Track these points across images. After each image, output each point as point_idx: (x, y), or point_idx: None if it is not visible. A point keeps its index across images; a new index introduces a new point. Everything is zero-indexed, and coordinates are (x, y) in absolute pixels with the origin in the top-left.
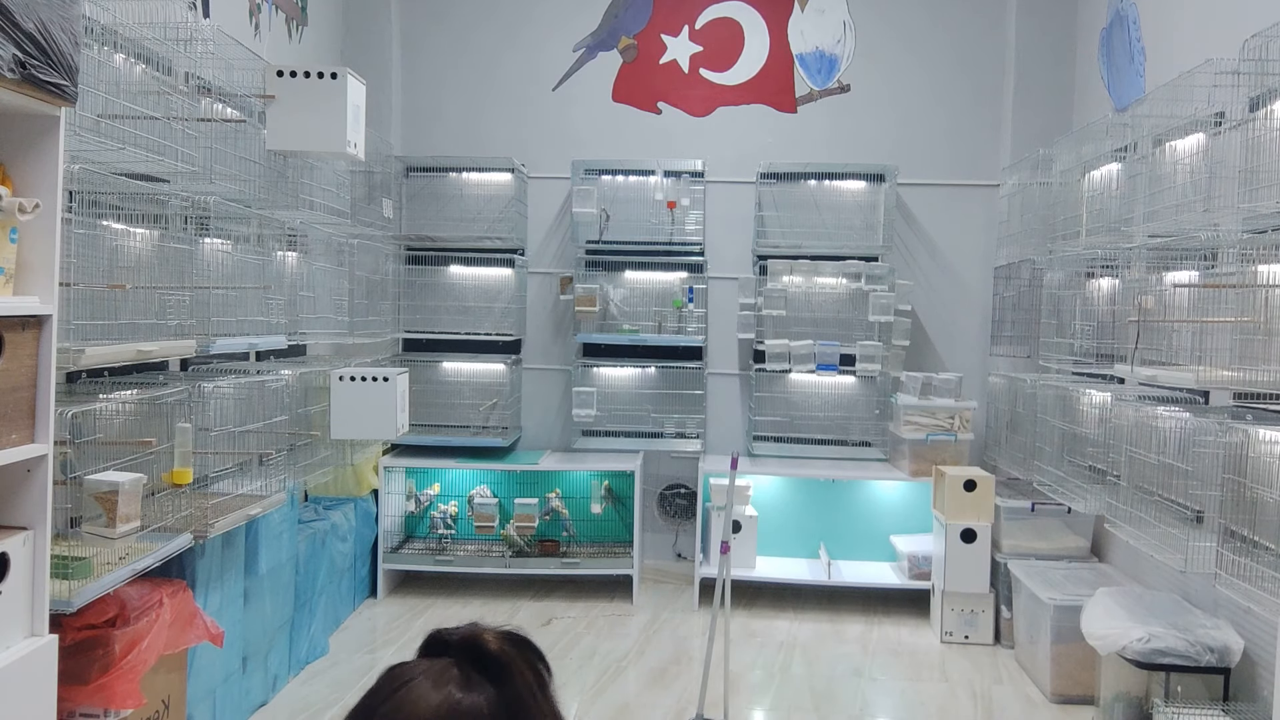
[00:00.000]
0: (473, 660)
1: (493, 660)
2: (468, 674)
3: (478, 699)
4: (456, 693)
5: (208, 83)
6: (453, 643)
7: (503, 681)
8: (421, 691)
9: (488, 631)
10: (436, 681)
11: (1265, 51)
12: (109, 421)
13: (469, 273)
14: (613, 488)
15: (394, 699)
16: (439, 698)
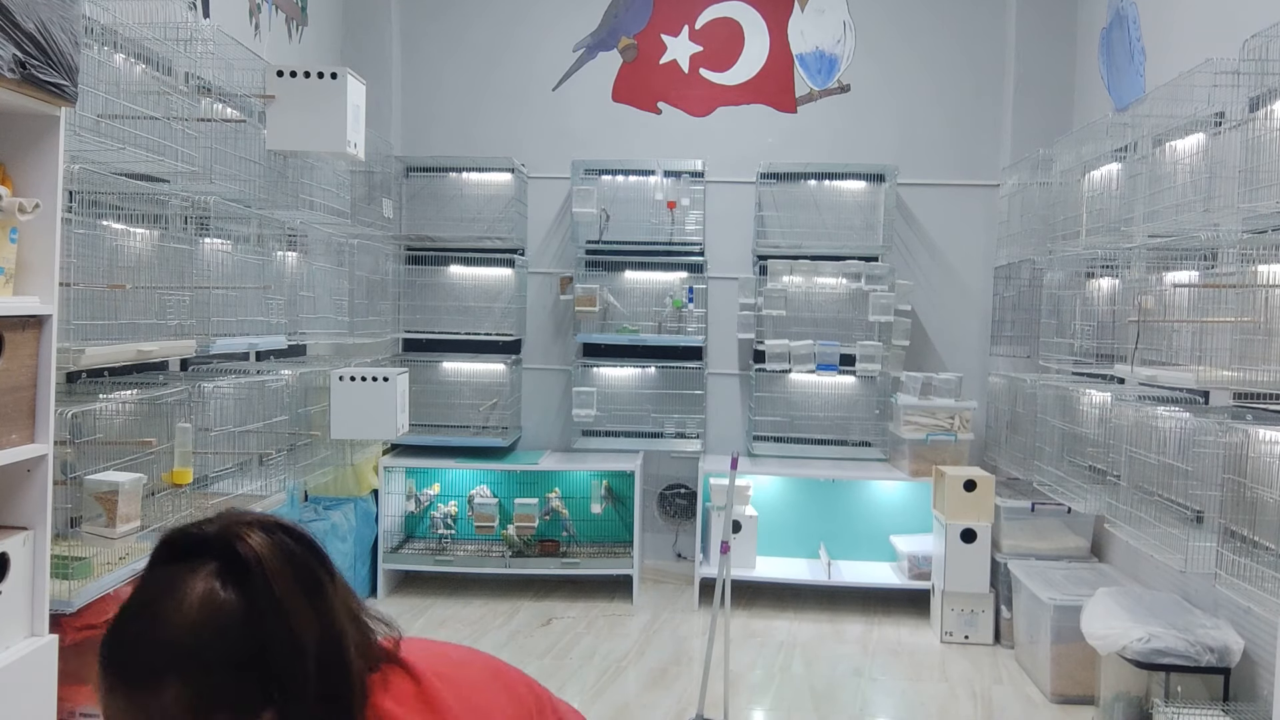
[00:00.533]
0: (228, 559)
1: (243, 561)
2: (225, 573)
3: (235, 598)
4: (221, 596)
5: (208, 83)
6: (214, 538)
7: (253, 584)
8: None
9: (244, 521)
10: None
11: (1265, 51)
12: (109, 421)
13: (469, 273)
14: (613, 488)
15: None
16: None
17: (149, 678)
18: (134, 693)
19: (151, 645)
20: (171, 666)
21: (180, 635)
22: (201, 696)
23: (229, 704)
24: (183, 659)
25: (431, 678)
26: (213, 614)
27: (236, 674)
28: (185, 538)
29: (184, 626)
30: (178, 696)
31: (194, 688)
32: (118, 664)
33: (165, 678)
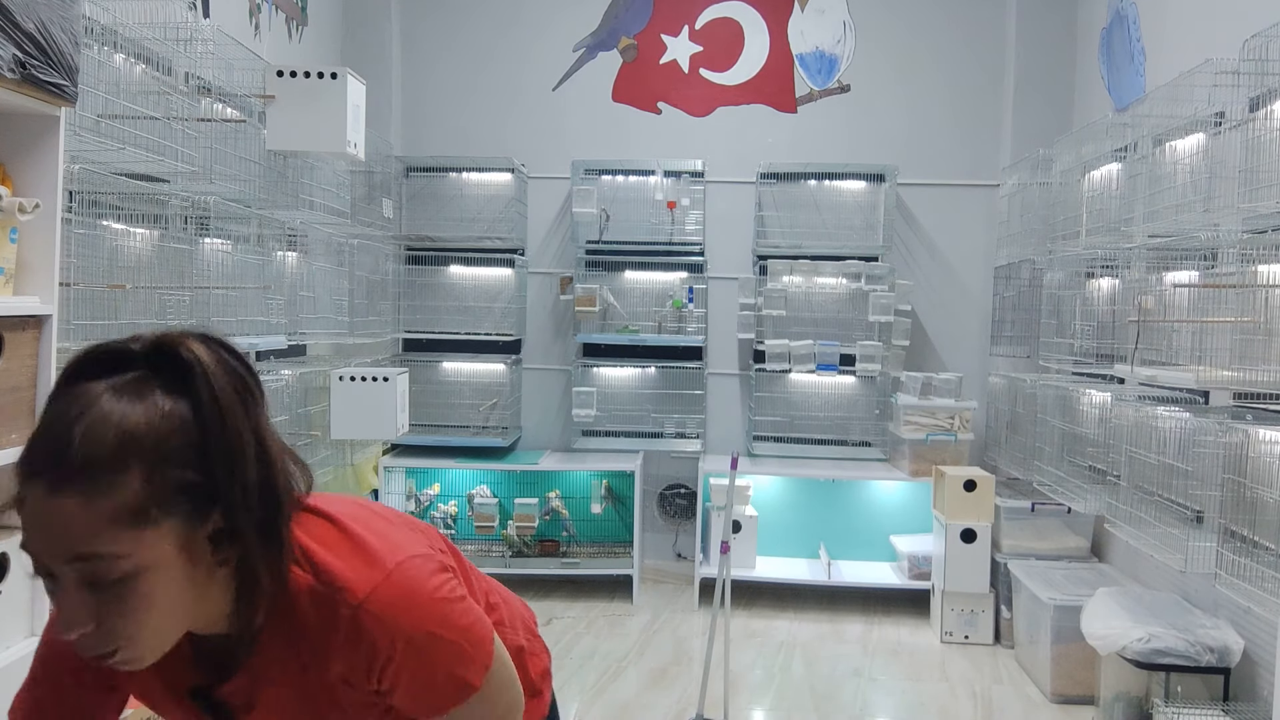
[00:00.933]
0: (165, 368)
1: (187, 366)
2: (163, 382)
3: (182, 405)
4: (162, 401)
5: (208, 83)
6: (140, 354)
7: (197, 388)
8: (118, 407)
9: (179, 334)
10: (133, 391)
11: (1265, 51)
12: None
13: (469, 273)
14: (613, 488)
15: (89, 415)
16: (143, 405)
17: (111, 469)
18: (92, 486)
19: (111, 436)
20: (131, 456)
21: (137, 427)
22: (159, 491)
23: (183, 501)
24: (143, 449)
25: (346, 519)
26: (162, 414)
27: (189, 472)
28: (105, 351)
29: (138, 420)
30: (137, 490)
31: (154, 482)
32: (70, 459)
33: (124, 467)
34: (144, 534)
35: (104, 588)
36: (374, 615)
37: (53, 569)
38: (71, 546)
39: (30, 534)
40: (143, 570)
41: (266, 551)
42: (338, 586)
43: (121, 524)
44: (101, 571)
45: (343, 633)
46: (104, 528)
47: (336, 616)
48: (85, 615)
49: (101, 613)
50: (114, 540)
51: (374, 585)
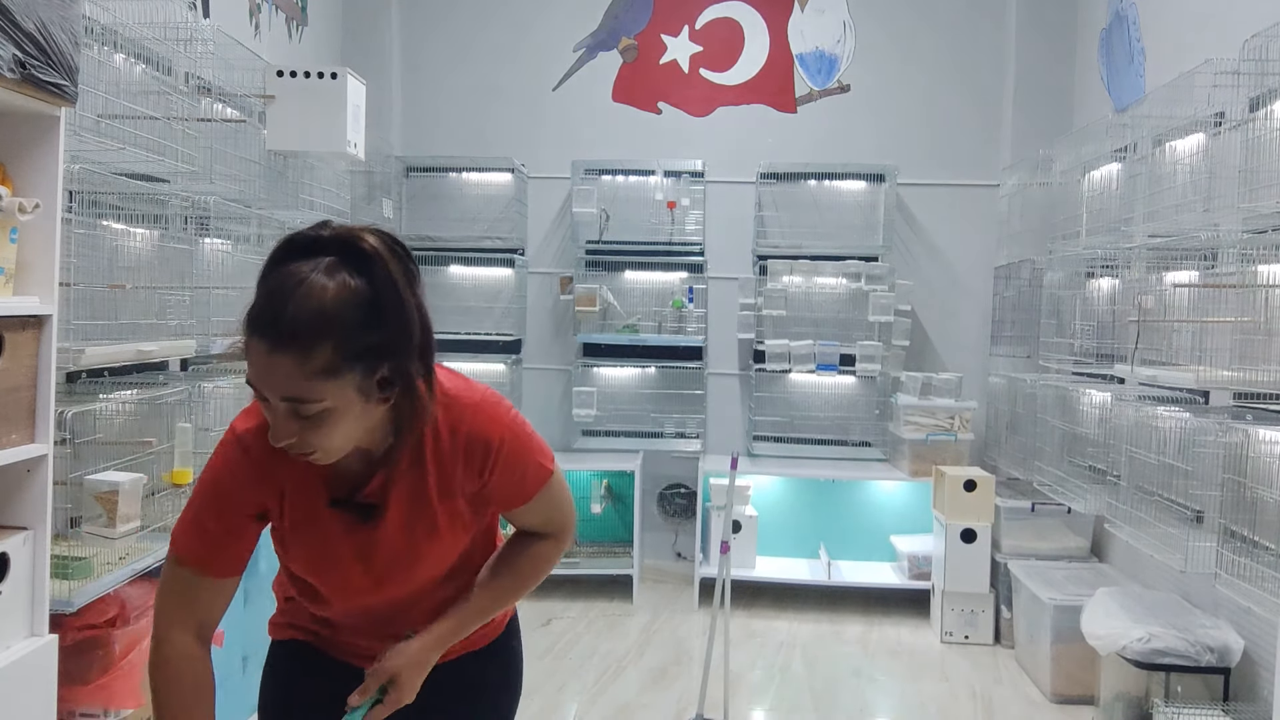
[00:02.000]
0: (349, 255)
1: (367, 255)
2: (349, 265)
3: (363, 284)
4: (349, 279)
5: (208, 83)
6: (330, 240)
7: (375, 272)
8: (319, 281)
9: (359, 228)
10: (328, 272)
11: (1265, 51)
12: (109, 421)
13: (469, 273)
14: (613, 487)
15: (298, 293)
16: (335, 284)
17: (314, 338)
18: (301, 350)
19: (313, 313)
20: (328, 329)
21: (331, 306)
22: (347, 352)
23: (361, 360)
24: (335, 324)
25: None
26: (350, 291)
27: (367, 336)
28: (303, 239)
29: (332, 300)
30: (332, 352)
31: (343, 346)
32: (287, 329)
33: (323, 338)
34: (334, 383)
35: (306, 416)
36: (486, 415)
37: (269, 398)
38: (285, 390)
39: (253, 373)
40: (332, 408)
41: (427, 388)
42: (458, 396)
43: (319, 377)
44: (304, 407)
45: (464, 433)
46: (307, 379)
47: (461, 418)
48: (292, 431)
49: (303, 430)
50: (313, 389)
51: (482, 398)
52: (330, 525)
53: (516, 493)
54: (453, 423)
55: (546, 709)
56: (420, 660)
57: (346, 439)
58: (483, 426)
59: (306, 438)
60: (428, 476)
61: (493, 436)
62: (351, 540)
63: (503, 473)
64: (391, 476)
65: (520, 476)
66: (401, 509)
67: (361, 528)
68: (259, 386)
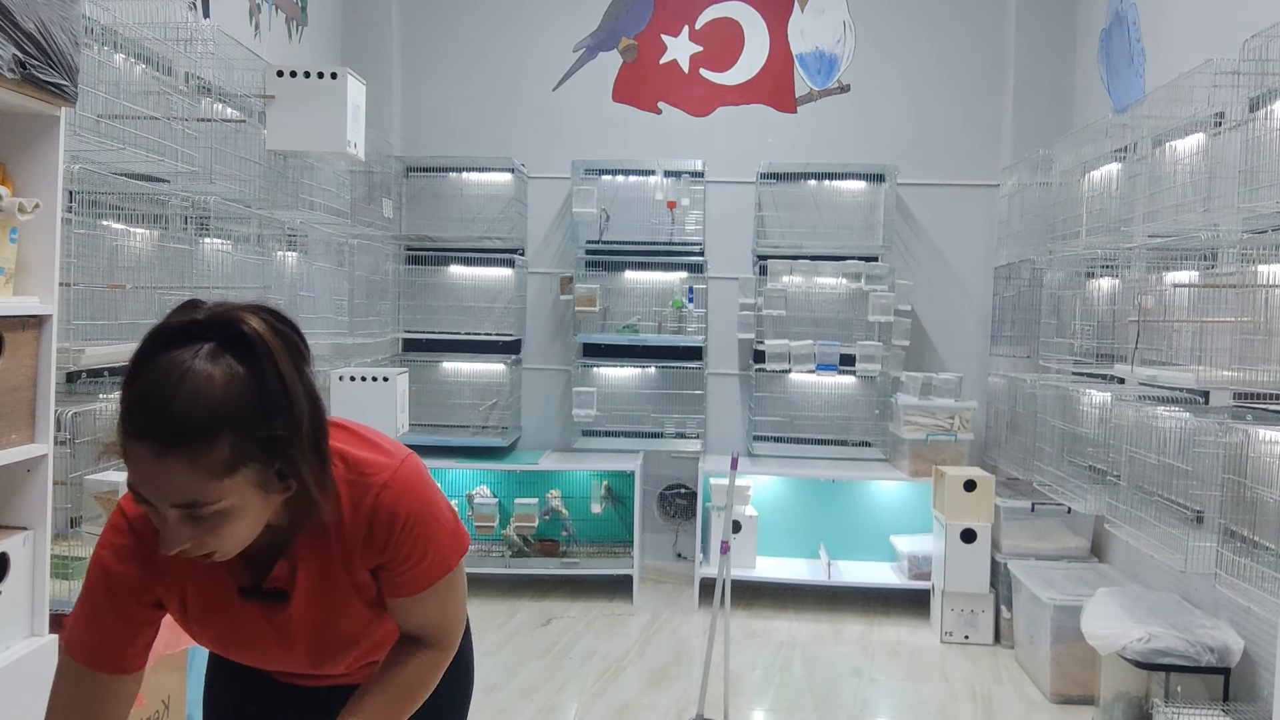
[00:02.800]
0: (230, 340)
1: (249, 340)
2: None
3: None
4: (235, 366)
5: (208, 83)
6: (206, 324)
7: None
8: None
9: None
10: (210, 360)
11: (1265, 51)
12: (109, 421)
13: (469, 273)
14: (613, 488)
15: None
16: (221, 373)
17: (207, 435)
18: (194, 450)
19: (205, 409)
20: (222, 423)
21: (223, 399)
22: (244, 446)
23: (259, 452)
24: (230, 419)
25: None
26: (236, 381)
27: (262, 427)
28: (177, 325)
29: (222, 390)
30: (228, 448)
31: (239, 441)
32: (174, 429)
33: (218, 434)
34: (232, 482)
35: (200, 520)
36: (394, 491)
37: (156, 505)
38: (176, 496)
39: (138, 481)
40: (231, 507)
41: (320, 473)
42: (366, 471)
43: (216, 478)
44: (199, 511)
45: (367, 508)
46: (202, 482)
47: (366, 494)
48: (184, 537)
49: (197, 534)
50: (210, 491)
51: (393, 469)
52: (239, 612)
53: (409, 579)
54: (356, 498)
55: (546, 709)
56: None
57: (247, 535)
58: (388, 501)
59: (202, 540)
60: (332, 555)
61: (398, 510)
62: (265, 622)
63: (398, 552)
64: (293, 562)
65: (419, 559)
66: (310, 590)
67: (272, 608)
68: (147, 495)
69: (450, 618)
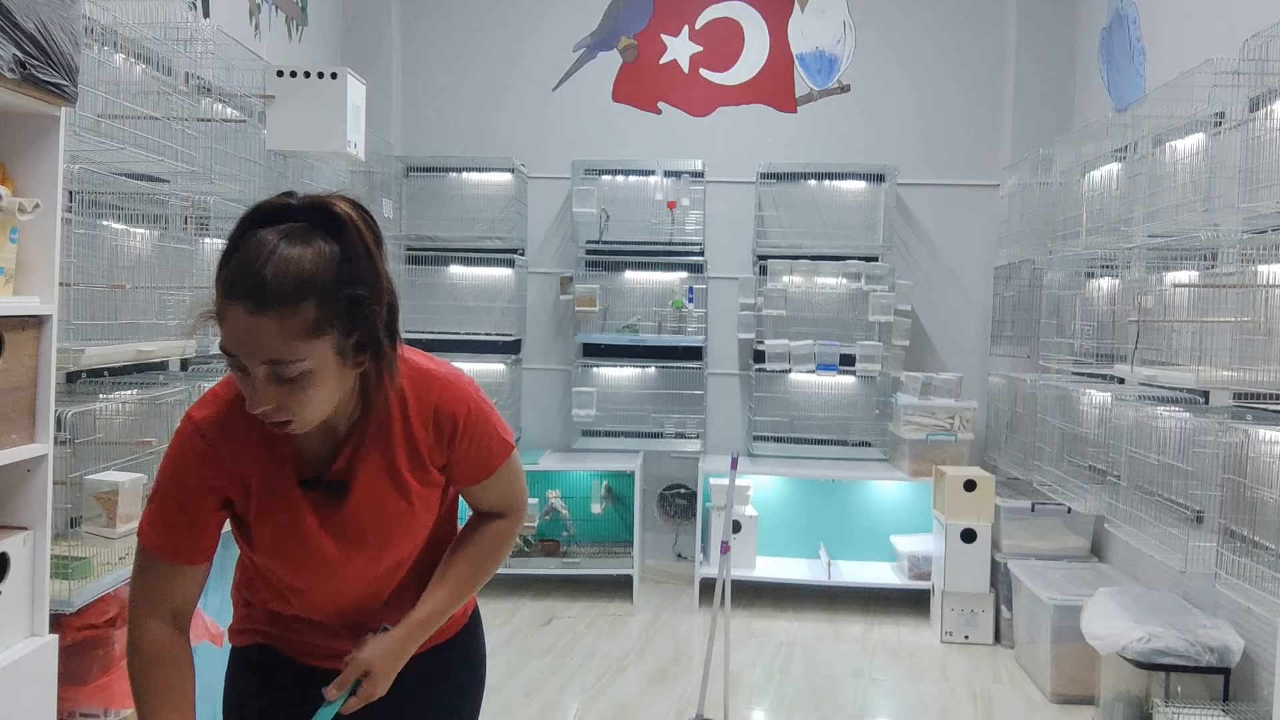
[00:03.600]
0: (321, 220)
1: (339, 220)
2: (322, 230)
3: (336, 248)
4: (323, 243)
5: (208, 83)
6: (299, 208)
7: (347, 236)
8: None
9: (329, 195)
10: (302, 237)
11: (1265, 51)
12: (109, 421)
13: (469, 273)
14: (613, 488)
15: (276, 256)
16: (312, 248)
17: (296, 297)
18: (284, 310)
19: (294, 274)
20: (310, 288)
21: (310, 266)
22: (327, 311)
23: (342, 319)
24: (315, 284)
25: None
26: (326, 254)
27: (345, 296)
28: (273, 206)
29: (311, 261)
30: (314, 310)
31: (323, 305)
32: (270, 290)
33: (305, 297)
34: (315, 343)
35: (286, 380)
36: (454, 389)
37: (247, 365)
38: (267, 353)
39: (232, 340)
40: (312, 369)
41: (392, 350)
42: (429, 372)
43: (301, 337)
44: (285, 370)
45: (431, 403)
46: (290, 340)
47: (429, 390)
48: (271, 397)
49: (282, 396)
50: (296, 350)
51: (449, 373)
52: (298, 507)
53: (481, 466)
54: (420, 395)
55: (547, 709)
56: (396, 652)
57: (324, 404)
58: (450, 399)
59: (285, 403)
60: (395, 449)
61: (459, 409)
62: (321, 518)
63: (468, 445)
64: (358, 451)
65: (485, 450)
66: (370, 483)
67: (331, 504)
68: (239, 353)
69: (519, 491)
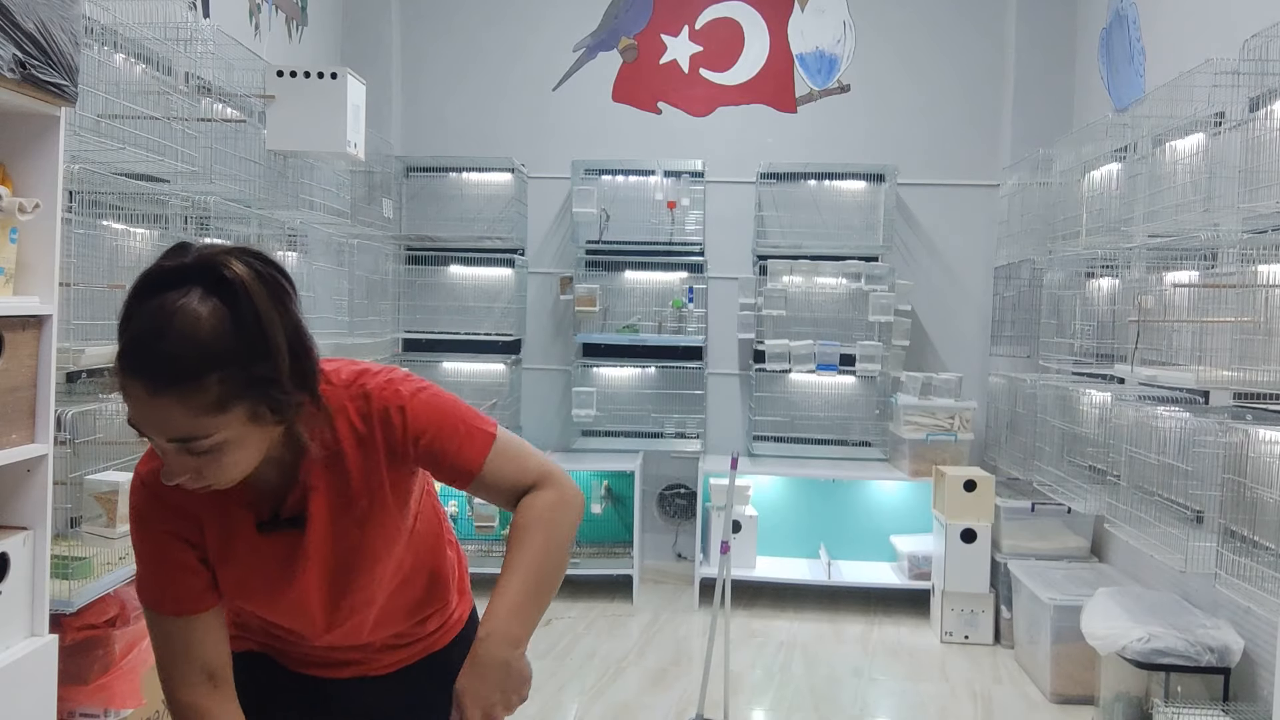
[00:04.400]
0: (215, 283)
1: (230, 283)
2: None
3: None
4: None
5: (208, 83)
6: (192, 268)
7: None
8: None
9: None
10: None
11: (1265, 51)
12: (109, 421)
13: (469, 273)
14: (612, 488)
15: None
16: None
17: (196, 374)
18: (184, 389)
19: (193, 350)
20: (211, 363)
21: (209, 339)
22: (233, 384)
23: (247, 389)
24: (217, 358)
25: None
26: (221, 322)
27: (251, 366)
28: (166, 269)
29: (209, 332)
30: (218, 385)
31: (228, 379)
32: (165, 370)
33: (206, 372)
34: (224, 418)
35: (198, 453)
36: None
37: (154, 440)
38: (173, 431)
39: (136, 418)
40: (225, 440)
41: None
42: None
43: (207, 414)
44: (195, 445)
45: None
46: (194, 419)
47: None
48: (186, 468)
49: (199, 466)
50: (203, 426)
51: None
52: (260, 548)
53: (462, 459)
54: (362, 409)
55: (547, 709)
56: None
57: (245, 465)
58: (388, 398)
59: (202, 471)
60: (349, 468)
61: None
62: (282, 557)
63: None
64: (309, 485)
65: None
66: (326, 514)
67: (293, 541)
68: (144, 430)
69: (532, 463)
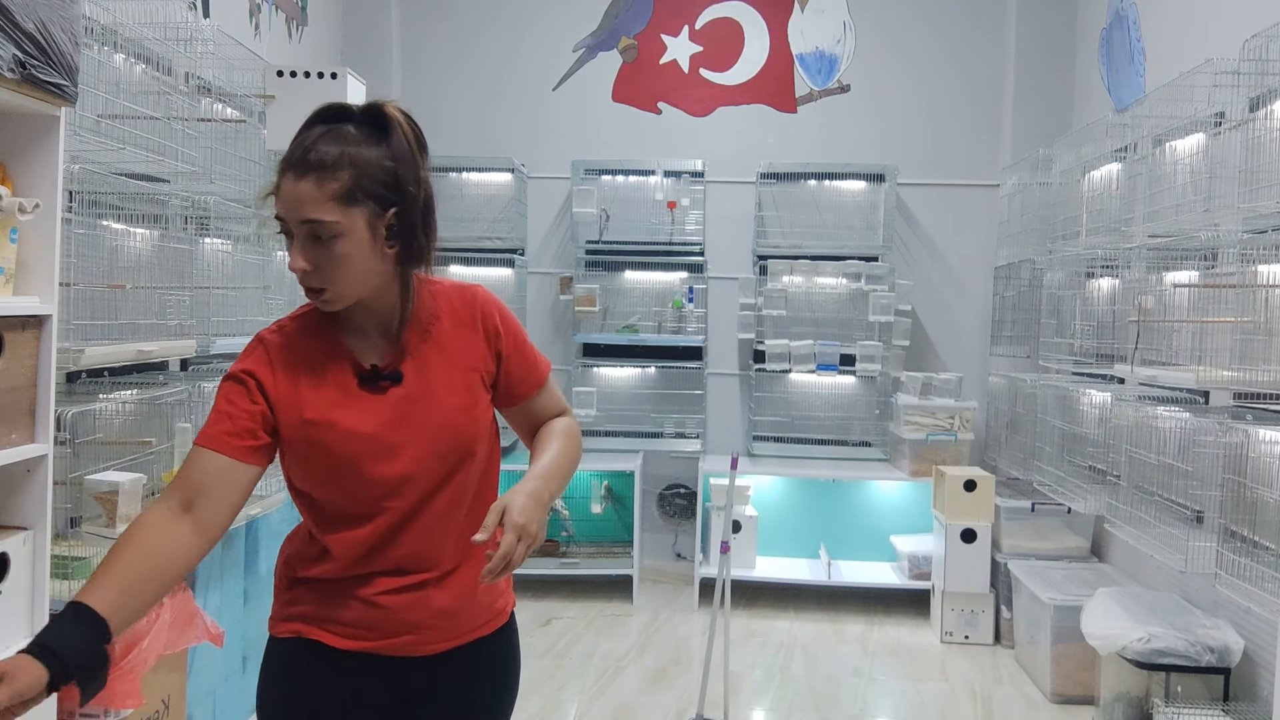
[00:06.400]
0: (372, 120)
1: (387, 119)
2: (371, 126)
3: (381, 141)
4: (369, 137)
5: (208, 83)
6: (355, 110)
7: (392, 133)
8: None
9: (384, 102)
10: (350, 129)
11: (1265, 51)
12: (109, 421)
13: (469, 273)
14: (612, 488)
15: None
16: (357, 134)
17: (333, 167)
18: (321, 175)
19: (335, 149)
20: (347, 162)
21: (351, 146)
22: (361, 185)
23: (373, 198)
24: (354, 160)
25: None
26: (369, 142)
27: (380, 178)
28: (332, 107)
29: (353, 143)
30: (349, 179)
31: (358, 179)
32: (312, 161)
33: (341, 168)
34: (349, 210)
35: (322, 242)
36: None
37: (291, 228)
38: (304, 213)
39: (280, 205)
40: (345, 233)
41: (427, 245)
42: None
43: (336, 201)
44: (320, 230)
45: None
46: (325, 202)
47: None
48: (308, 257)
49: (318, 257)
50: (330, 211)
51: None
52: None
53: (531, 374)
54: (465, 298)
55: (547, 709)
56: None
57: (356, 278)
58: (490, 304)
59: (320, 265)
60: (446, 347)
61: (500, 311)
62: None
63: (515, 349)
64: (410, 344)
65: (532, 360)
66: (423, 373)
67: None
68: (284, 215)
69: (562, 401)
